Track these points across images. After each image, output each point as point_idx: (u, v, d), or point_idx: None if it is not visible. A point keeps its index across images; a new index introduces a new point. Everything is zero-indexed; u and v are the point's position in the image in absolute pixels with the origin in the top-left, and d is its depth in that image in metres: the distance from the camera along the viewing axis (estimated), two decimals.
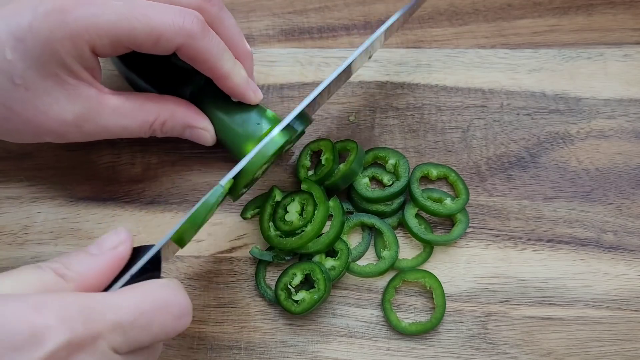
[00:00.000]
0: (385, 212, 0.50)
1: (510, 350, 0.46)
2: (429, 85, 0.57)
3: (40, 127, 0.43)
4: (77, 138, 0.45)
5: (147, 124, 0.46)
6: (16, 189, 0.53)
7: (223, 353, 0.46)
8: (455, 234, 0.49)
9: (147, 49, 0.42)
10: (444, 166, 0.52)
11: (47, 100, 0.42)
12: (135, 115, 0.45)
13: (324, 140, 0.51)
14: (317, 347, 0.46)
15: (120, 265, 0.36)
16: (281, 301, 0.46)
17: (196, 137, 0.48)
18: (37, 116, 0.42)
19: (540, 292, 0.48)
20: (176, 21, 0.41)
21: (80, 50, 0.40)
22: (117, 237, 0.36)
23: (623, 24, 0.59)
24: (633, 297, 0.48)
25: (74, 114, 0.43)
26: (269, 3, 0.62)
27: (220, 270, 0.50)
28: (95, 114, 0.43)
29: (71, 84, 0.42)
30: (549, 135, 0.54)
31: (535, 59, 0.58)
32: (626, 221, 0.51)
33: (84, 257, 0.35)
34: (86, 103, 0.43)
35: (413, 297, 0.48)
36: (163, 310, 0.34)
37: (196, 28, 0.42)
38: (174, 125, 0.47)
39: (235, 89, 0.47)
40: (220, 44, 0.45)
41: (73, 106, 0.43)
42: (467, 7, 0.61)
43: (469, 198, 0.51)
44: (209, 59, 0.44)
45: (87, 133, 0.44)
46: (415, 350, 0.46)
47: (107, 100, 0.44)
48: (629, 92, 0.56)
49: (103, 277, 0.35)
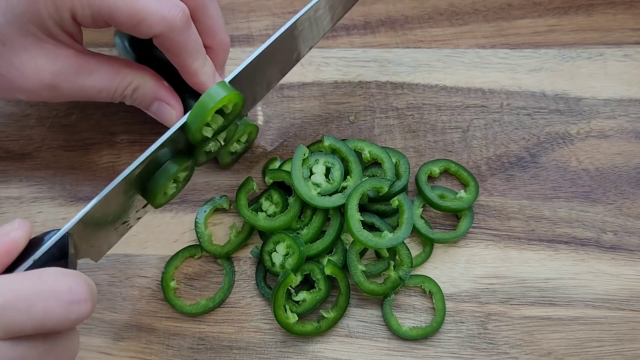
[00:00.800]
0: (385, 211, 0.50)
1: (510, 350, 0.46)
2: (429, 85, 0.57)
3: (14, 83, 0.43)
4: (51, 97, 0.45)
5: (121, 87, 0.46)
6: (16, 189, 0.53)
7: (223, 353, 0.46)
8: (462, 229, 0.49)
9: (126, 29, 0.42)
10: (443, 160, 0.52)
11: (24, 57, 0.42)
12: (111, 78, 0.45)
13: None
14: (317, 347, 0.46)
15: (10, 250, 0.35)
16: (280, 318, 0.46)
17: (161, 113, 0.48)
18: (12, 72, 0.43)
19: (540, 292, 0.48)
20: (161, 10, 0.42)
21: (61, 14, 0.41)
22: (11, 225, 0.36)
23: (623, 24, 0.59)
24: (633, 297, 0.48)
25: (51, 73, 0.43)
26: (269, 3, 0.62)
27: (220, 270, 0.50)
28: (73, 74, 0.44)
29: (49, 44, 0.43)
30: (549, 135, 0.54)
31: (535, 59, 0.58)
32: (626, 221, 0.51)
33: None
34: (64, 63, 0.43)
35: (413, 297, 0.48)
36: (47, 294, 0.32)
37: (179, 22, 0.42)
38: (145, 93, 0.47)
39: (200, 86, 0.47)
40: (197, 41, 0.45)
41: (50, 65, 0.43)
42: (467, 7, 0.61)
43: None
44: (182, 54, 0.44)
45: (62, 93, 0.44)
46: (415, 350, 0.46)
47: (84, 61, 0.44)
48: (629, 92, 0.56)
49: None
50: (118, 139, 0.55)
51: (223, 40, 0.49)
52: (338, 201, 0.47)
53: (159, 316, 0.48)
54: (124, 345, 0.47)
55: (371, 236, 0.45)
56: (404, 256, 0.47)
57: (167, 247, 0.50)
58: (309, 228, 0.48)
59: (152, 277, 0.49)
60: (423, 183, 0.51)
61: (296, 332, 0.46)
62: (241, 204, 0.49)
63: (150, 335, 0.47)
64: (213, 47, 0.49)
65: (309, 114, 0.56)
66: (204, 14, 0.47)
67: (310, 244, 0.48)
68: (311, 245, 0.48)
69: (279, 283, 0.45)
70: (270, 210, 0.49)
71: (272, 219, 0.48)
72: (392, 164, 0.50)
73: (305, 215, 0.49)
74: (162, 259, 0.50)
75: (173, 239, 0.51)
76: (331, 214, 0.49)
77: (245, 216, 0.48)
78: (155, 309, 0.48)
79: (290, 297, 0.47)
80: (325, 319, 0.46)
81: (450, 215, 0.51)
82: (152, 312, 0.48)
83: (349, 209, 0.46)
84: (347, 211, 0.46)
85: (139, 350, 0.47)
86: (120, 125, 0.55)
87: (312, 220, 0.48)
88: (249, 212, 0.49)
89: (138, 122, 0.55)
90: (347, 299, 0.47)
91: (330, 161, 0.49)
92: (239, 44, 0.60)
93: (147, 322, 0.48)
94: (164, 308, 0.48)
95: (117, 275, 0.49)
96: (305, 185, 0.48)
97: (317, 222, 0.48)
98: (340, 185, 0.48)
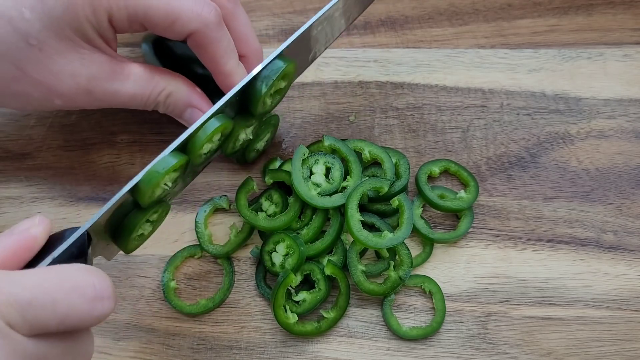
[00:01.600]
0: (385, 211, 0.50)
1: (510, 350, 0.46)
2: (429, 85, 0.57)
3: (51, 89, 0.43)
4: (86, 104, 0.45)
5: (155, 93, 0.46)
6: (16, 189, 0.53)
7: (223, 353, 0.46)
8: (462, 229, 0.49)
9: (162, 29, 0.43)
10: (443, 160, 0.52)
11: (60, 62, 0.42)
12: (145, 84, 0.46)
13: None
14: (317, 347, 0.46)
15: (31, 245, 0.35)
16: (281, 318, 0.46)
17: (195, 120, 0.46)
18: (49, 78, 0.43)
19: (540, 292, 0.48)
20: (195, 8, 0.42)
21: (98, 18, 0.41)
22: (31, 221, 0.35)
23: (623, 24, 0.59)
24: (633, 297, 0.48)
25: (86, 77, 0.43)
26: (268, 3, 0.62)
27: (220, 270, 0.50)
28: (107, 80, 0.44)
29: (85, 49, 0.43)
30: (549, 135, 0.54)
31: (535, 59, 0.58)
32: (626, 221, 0.51)
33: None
34: (99, 68, 0.44)
35: (413, 297, 0.48)
36: (71, 291, 0.32)
37: (213, 18, 0.43)
38: (177, 100, 0.47)
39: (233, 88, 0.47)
40: (231, 42, 0.46)
41: (86, 70, 0.43)
42: (467, 7, 0.61)
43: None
44: (217, 52, 0.45)
45: (97, 98, 0.45)
46: (415, 350, 0.46)
47: (119, 66, 0.45)
48: (629, 92, 0.56)
49: (9, 257, 0.34)
50: (118, 139, 0.55)
51: (256, 47, 0.49)
52: (338, 201, 0.47)
53: (159, 316, 0.48)
54: (124, 345, 0.47)
55: (371, 236, 0.45)
56: (404, 256, 0.47)
57: (167, 247, 0.50)
58: (309, 228, 0.48)
59: (152, 277, 0.49)
60: (423, 183, 0.51)
61: (296, 332, 0.46)
62: (241, 204, 0.49)
63: (150, 335, 0.47)
64: (247, 55, 0.49)
65: (309, 114, 0.56)
66: (235, 20, 0.47)
67: (310, 244, 0.48)
68: (311, 245, 0.48)
69: (279, 283, 0.45)
70: (270, 210, 0.49)
71: (272, 219, 0.48)
72: (392, 164, 0.50)
73: (305, 215, 0.49)
74: (162, 259, 0.50)
75: (173, 239, 0.51)
76: (331, 214, 0.49)
77: (245, 216, 0.48)
78: (155, 309, 0.48)
79: (290, 297, 0.47)
80: (325, 319, 0.46)
81: (450, 215, 0.51)
82: (152, 312, 0.48)
83: (349, 209, 0.46)
84: (347, 211, 0.46)
85: (139, 350, 0.47)
86: (120, 125, 0.55)
87: (312, 220, 0.48)
88: (249, 212, 0.49)
89: (138, 122, 0.55)
90: (347, 299, 0.47)
91: (330, 161, 0.49)
92: None
93: (147, 322, 0.48)
94: (164, 308, 0.48)
95: (117, 275, 0.49)
96: (305, 185, 0.48)
97: (317, 222, 0.48)
98: (340, 185, 0.48)
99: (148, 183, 0.39)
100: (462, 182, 0.52)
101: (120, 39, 0.58)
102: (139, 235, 0.43)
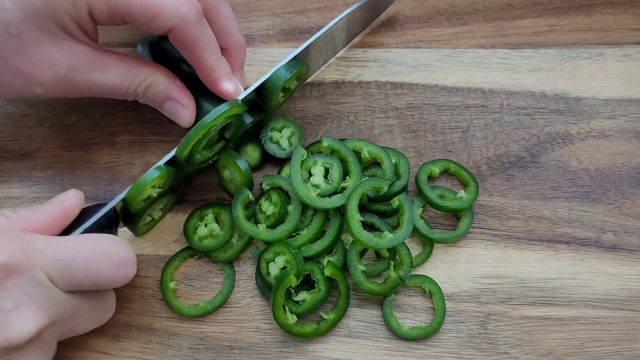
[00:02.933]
0: (385, 211, 0.50)
1: (510, 350, 0.46)
2: (429, 85, 0.57)
3: (31, 77, 0.44)
4: (66, 93, 0.46)
5: (134, 84, 0.47)
6: (16, 189, 0.53)
7: (223, 353, 0.46)
8: (462, 229, 0.49)
9: (142, 24, 0.43)
10: (443, 160, 0.52)
11: (40, 51, 0.43)
12: (125, 75, 0.46)
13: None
14: (317, 347, 0.46)
15: (68, 214, 0.41)
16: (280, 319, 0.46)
17: (174, 112, 0.48)
18: (28, 67, 0.43)
19: (540, 292, 0.48)
20: (175, 4, 0.43)
21: (79, 10, 0.42)
22: (67, 194, 0.42)
23: (623, 24, 0.59)
24: (633, 297, 0.48)
25: (65, 68, 0.44)
26: (269, 3, 0.62)
27: (220, 270, 0.50)
28: (87, 70, 0.45)
29: (65, 40, 0.43)
30: (549, 135, 0.54)
31: (535, 59, 0.58)
32: (626, 221, 0.51)
33: (35, 207, 0.40)
34: (79, 59, 0.44)
35: (413, 297, 0.48)
36: (102, 257, 0.38)
37: (193, 14, 0.44)
38: (157, 91, 0.48)
39: (216, 83, 0.47)
40: (212, 37, 0.46)
41: (65, 60, 0.44)
42: (467, 7, 0.61)
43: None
44: (198, 47, 0.45)
45: (77, 87, 0.45)
46: (415, 350, 0.46)
47: (99, 57, 0.45)
48: (629, 92, 0.56)
49: (50, 223, 0.40)
50: (118, 139, 0.55)
51: (238, 41, 0.50)
52: (337, 202, 0.47)
53: (159, 316, 0.48)
54: (123, 345, 0.47)
55: (371, 237, 0.45)
56: (404, 256, 0.47)
57: (167, 247, 0.50)
58: (309, 229, 0.48)
59: (152, 277, 0.49)
60: (423, 183, 0.51)
61: (295, 333, 0.46)
62: (239, 216, 0.48)
63: (150, 335, 0.47)
64: (229, 48, 0.49)
65: (308, 114, 0.56)
66: (217, 14, 0.48)
67: (310, 245, 0.48)
68: (311, 246, 0.48)
69: (278, 283, 0.45)
70: (270, 211, 0.49)
71: (273, 231, 0.48)
72: (392, 164, 0.50)
73: (306, 216, 0.49)
74: (162, 259, 0.50)
75: (173, 239, 0.51)
76: (331, 215, 0.49)
77: (245, 230, 0.48)
78: (155, 309, 0.48)
79: (290, 297, 0.47)
80: (325, 321, 0.46)
81: (450, 215, 0.51)
82: (152, 312, 0.48)
83: (349, 210, 0.46)
84: (347, 212, 0.46)
85: (138, 350, 0.47)
86: (120, 125, 0.55)
87: (313, 221, 0.48)
88: (249, 225, 0.48)
89: (138, 122, 0.55)
90: (347, 301, 0.46)
91: (328, 162, 0.49)
92: None
93: (147, 322, 0.48)
94: (163, 308, 0.48)
95: None
96: (305, 187, 0.47)
97: (317, 223, 0.48)
98: (339, 185, 0.48)
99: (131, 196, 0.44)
100: (462, 182, 0.52)
101: (120, 40, 0.59)
102: (149, 222, 0.48)
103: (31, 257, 0.35)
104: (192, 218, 0.50)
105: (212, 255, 0.49)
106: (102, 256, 0.39)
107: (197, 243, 0.49)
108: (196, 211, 0.50)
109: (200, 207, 0.50)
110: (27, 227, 0.38)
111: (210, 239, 0.49)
